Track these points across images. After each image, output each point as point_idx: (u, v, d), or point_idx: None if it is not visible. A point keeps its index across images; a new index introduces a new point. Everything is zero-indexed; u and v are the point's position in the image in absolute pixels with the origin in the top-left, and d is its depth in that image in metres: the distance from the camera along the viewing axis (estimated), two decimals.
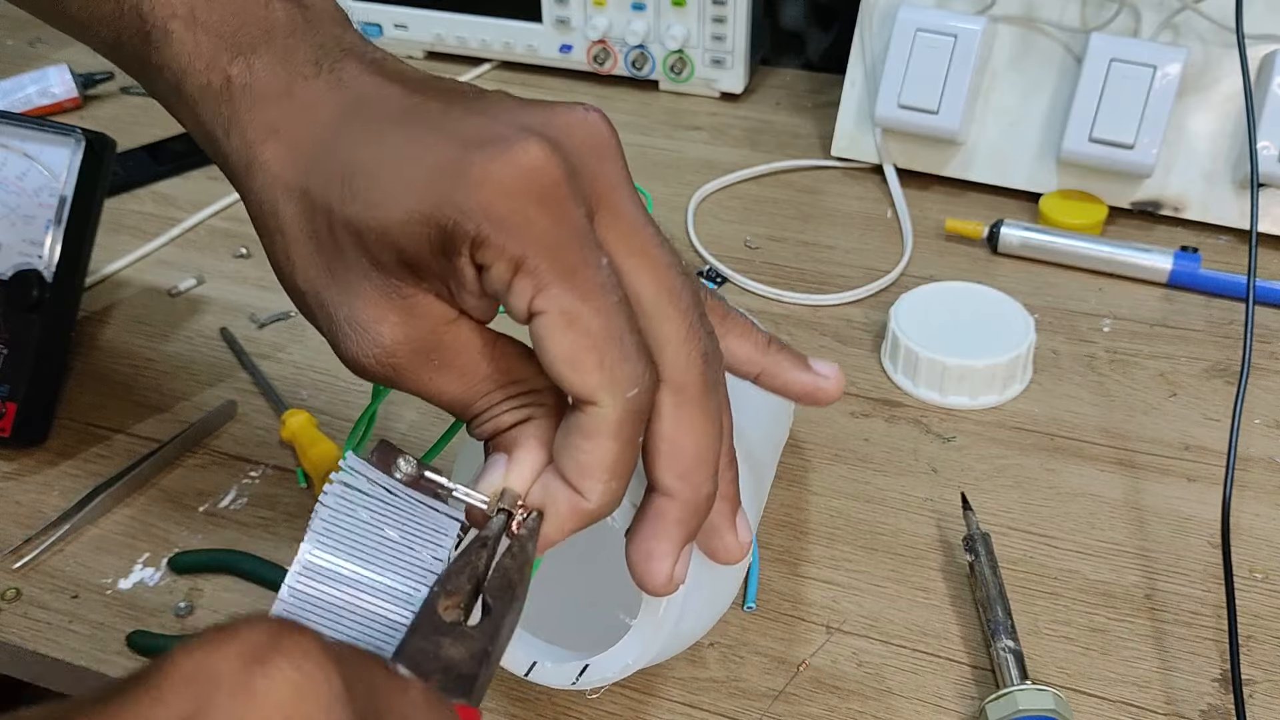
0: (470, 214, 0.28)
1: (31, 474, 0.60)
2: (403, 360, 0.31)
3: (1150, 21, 0.75)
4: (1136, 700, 0.47)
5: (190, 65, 0.33)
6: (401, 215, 0.29)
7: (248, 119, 0.32)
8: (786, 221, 0.79)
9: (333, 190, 0.30)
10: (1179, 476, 0.58)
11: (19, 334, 0.60)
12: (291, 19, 0.33)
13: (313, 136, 0.31)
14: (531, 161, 0.29)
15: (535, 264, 0.29)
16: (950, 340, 0.62)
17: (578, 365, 0.29)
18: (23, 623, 0.52)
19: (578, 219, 0.29)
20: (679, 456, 0.31)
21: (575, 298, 0.29)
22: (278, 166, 0.32)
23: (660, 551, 0.32)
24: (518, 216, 0.28)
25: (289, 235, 0.32)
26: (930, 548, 0.54)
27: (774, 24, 0.99)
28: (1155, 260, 0.71)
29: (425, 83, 0.33)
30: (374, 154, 0.30)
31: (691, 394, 0.31)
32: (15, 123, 0.62)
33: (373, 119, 0.31)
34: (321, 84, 0.32)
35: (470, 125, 0.30)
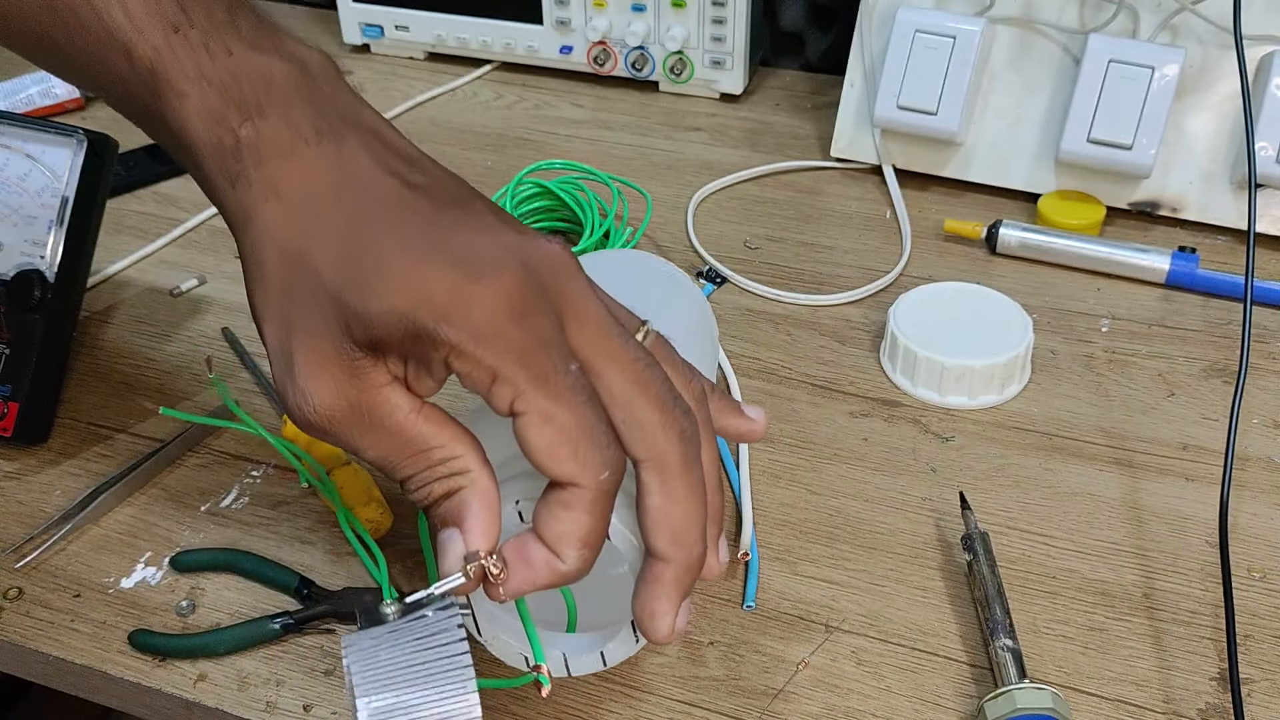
0: (454, 327, 0.33)
1: (33, 473, 0.60)
2: (340, 416, 0.35)
3: (1148, 22, 0.75)
4: (1135, 699, 0.47)
5: (200, 122, 0.36)
6: (388, 308, 0.33)
7: (254, 175, 0.35)
8: (786, 222, 0.80)
9: (325, 262, 0.34)
10: (1177, 476, 0.58)
11: (21, 334, 0.60)
12: (293, 79, 0.37)
13: (311, 204, 0.35)
14: (508, 285, 0.33)
15: (511, 373, 0.33)
16: (949, 340, 0.62)
17: (556, 456, 0.34)
18: (25, 622, 0.52)
19: (548, 332, 0.34)
20: (669, 525, 0.36)
21: (549, 400, 0.33)
22: (274, 224, 0.35)
23: (661, 610, 0.36)
24: (495, 332, 0.33)
25: (270, 286, 0.35)
26: (929, 547, 0.54)
27: (773, 25, 0.99)
28: (1153, 260, 0.71)
29: (416, 175, 0.36)
30: (371, 246, 0.34)
31: (674, 470, 0.35)
32: (17, 123, 0.62)
33: (371, 210, 0.35)
34: (322, 151, 0.36)
35: (458, 242, 0.34)
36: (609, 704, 0.47)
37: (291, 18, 1.12)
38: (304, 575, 0.52)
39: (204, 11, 0.37)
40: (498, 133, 0.92)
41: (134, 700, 0.50)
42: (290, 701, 0.48)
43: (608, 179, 0.76)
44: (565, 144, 0.90)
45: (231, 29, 0.37)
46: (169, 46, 0.36)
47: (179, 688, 0.49)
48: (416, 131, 0.92)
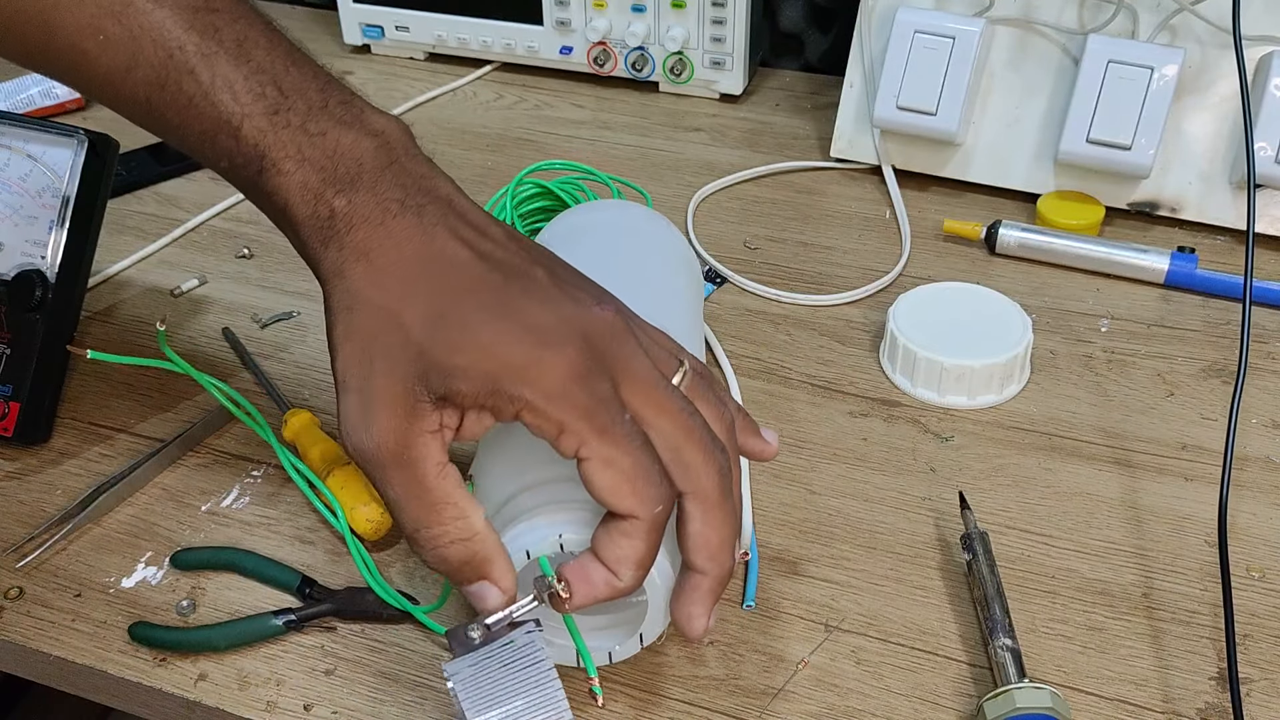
0: (530, 387, 0.39)
1: (34, 473, 0.60)
2: (386, 447, 0.40)
3: (1147, 23, 0.75)
4: (1134, 698, 0.47)
5: (300, 195, 0.41)
6: (472, 366, 0.39)
7: (346, 239, 0.41)
8: (786, 222, 0.80)
9: (413, 320, 0.40)
10: (1176, 476, 0.58)
11: (22, 334, 0.61)
12: (379, 155, 0.42)
13: (397, 269, 0.40)
14: (572, 355, 0.39)
15: (577, 427, 0.39)
16: (948, 340, 0.62)
17: (619, 494, 0.39)
18: (26, 621, 0.52)
19: (605, 391, 0.40)
20: (707, 546, 0.42)
21: (609, 447, 0.39)
22: (360, 282, 0.41)
23: (697, 614, 0.42)
24: (563, 393, 0.39)
25: (356, 332, 0.40)
26: (928, 547, 0.54)
27: (773, 26, 1.00)
28: (1152, 260, 0.71)
29: (486, 244, 0.42)
30: (453, 311, 0.40)
31: (714, 501, 0.41)
32: (18, 123, 0.62)
33: (450, 279, 0.41)
34: (405, 222, 0.41)
35: (527, 312, 0.40)
36: (609, 703, 0.48)
37: (292, 18, 1.12)
38: (306, 574, 0.52)
39: (300, 94, 0.42)
40: (498, 133, 0.92)
41: (134, 700, 0.50)
42: (290, 701, 0.48)
43: (608, 179, 0.76)
44: (565, 144, 0.90)
45: (324, 111, 0.42)
46: (273, 129, 0.41)
47: (179, 687, 0.49)
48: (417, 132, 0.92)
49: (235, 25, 0.43)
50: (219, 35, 0.42)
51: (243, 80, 0.42)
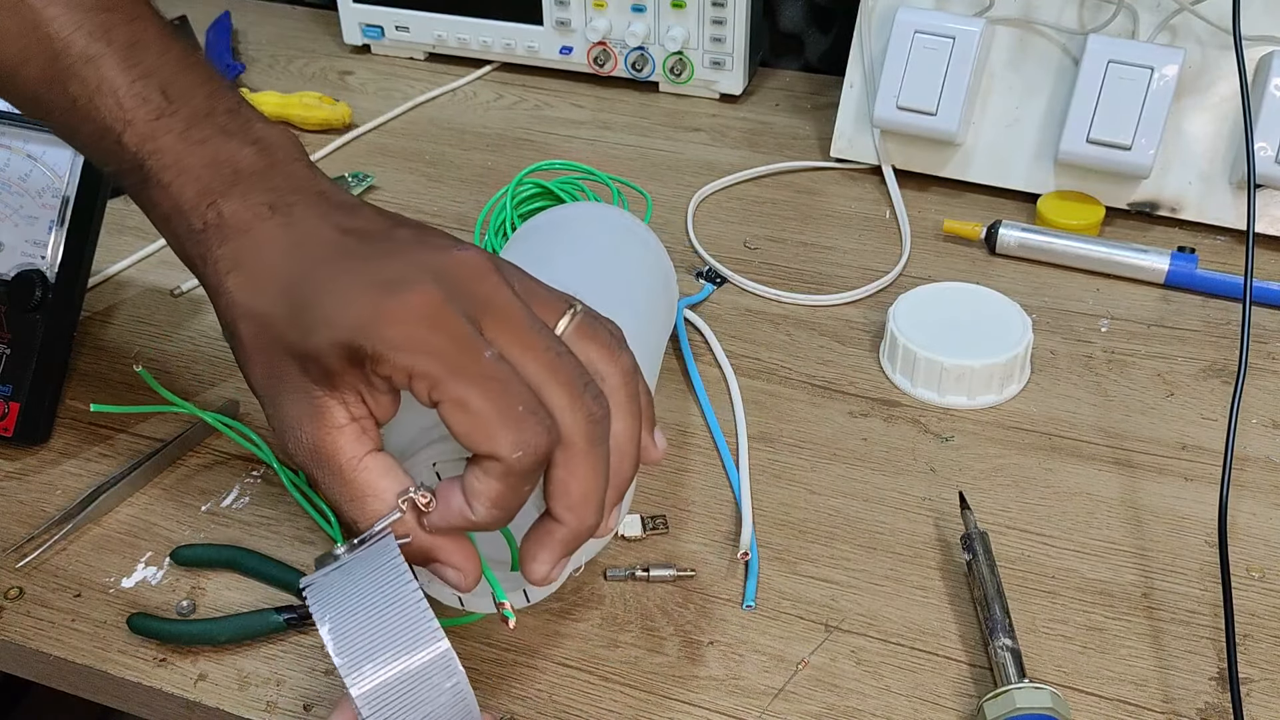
0: (372, 339, 0.37)
1: (34, 473, 0.60)
2: (306, 455, 0.39)
3: (1147, 23, 0.75)
4: (1134, 699, 0.47)
5: (177, 207, 0.41)
6: (325, 339, 0.37)
7: (219, 253, 0.40)
8: (785, 222, 0.80)
9: (277, 316, 0.39)
10: (1176, 476, 0.58)
11: (22, 334, 0.61)
12: (256, 164, 0.41)
13: (265, 271, 0.40)
14: (419, 296, 0.37)
15: (425, 368, 0.37)
16: (948, 340, 0.62)
17: (473, 438, 0.37)
18: (25, 621, 0.52)
19: (460, 329, 0.37)
20: (567, 495, 0.39)
21: (463, 387, 0.37)
22: (238, 294, 0.40)
23: (541, 558, 0.40)
24: (408, 336, 0.37)
25: (245, 347, 0.40)
26: (928, 547, 0.54)
27: (773, 26, 1.00)
28: (1152, 261, 0.71)
29: (352, 221, 0.41)
30: (309, 292, 0.38)
31: (579, 449, 0.39)
32: (18, 123, 0.62)
33: (310, 258, 0.39)
34: (275, 225, 0.40)
35: (379, 267, 0.39)
36: (609, 702, 0.48)
37: (292, 18, 1.12)
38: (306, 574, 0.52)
39: (186, 100, 0.42)
40: (498, 133, 0.92)
41: (134, 700, 0.50)
42: (290, 701, 0.48)
43: (608, 179, 0.76)
44: (565, 144, 0.90)
45: (208, 118, 0.42)
46: (153, 136, 0.41)
47: (179, 687, 0.49)
48: (416, 131, 0.92)
49: (129, 26, 0.42)
50: (110, 36, 0.42)
51: (128, 85, 0.41)
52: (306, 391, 0.39)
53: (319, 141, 0.90)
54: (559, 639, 0.50)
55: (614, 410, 0.41)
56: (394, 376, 0.37)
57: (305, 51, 1.06)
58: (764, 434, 0.61)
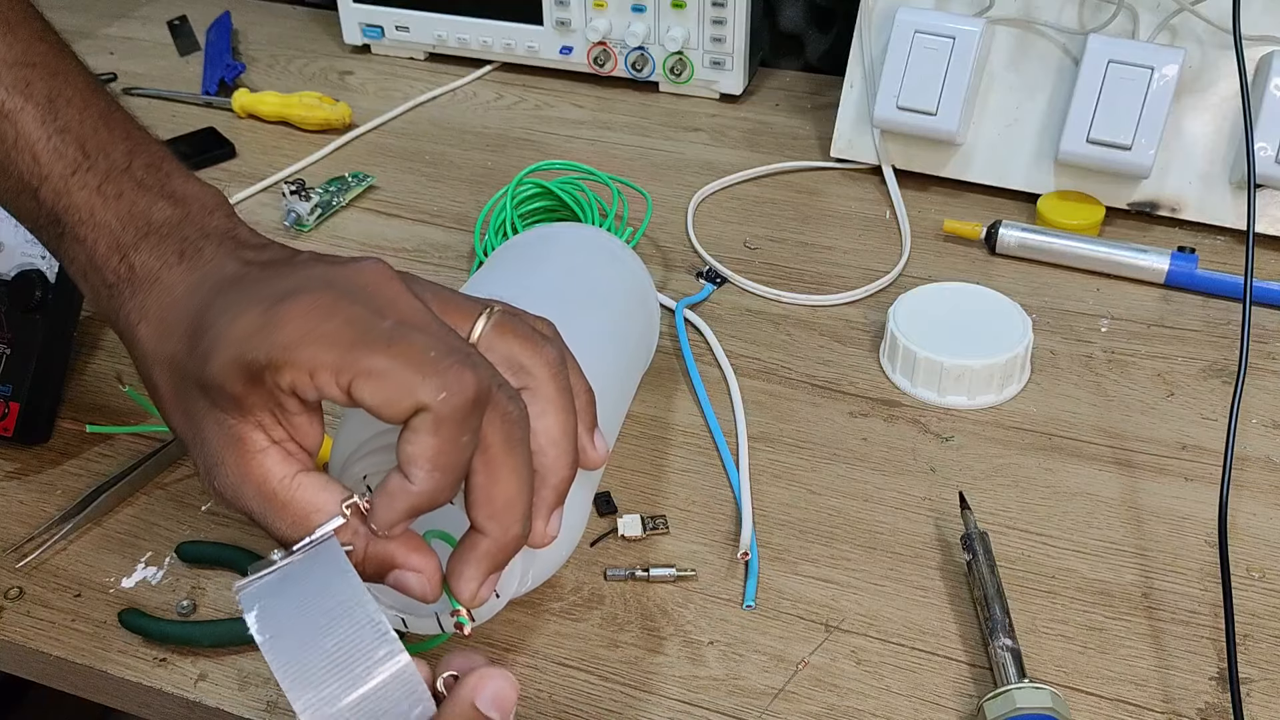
0: (264, 348, 0.36)
1: (34, 473, 0.60)
2: (233, 489, 0.38)
3: (1148, 23, 0.75)
4: (1134, 698, 0.47)
5: (91, 262, 0.41)
6: (221, 362, 0.36)
7: (130, 306, 0.40)
8: (786, 222, 0.80)
9: (180, 354, 0.38)
10: (1176, 476, 0.58)
11: (22, 334, 0.61)
12: (169, 218, 0.41)
13: (170, 314, 0.39)
14: (309, 300, 0.36)
15: (325, 359, 0.35)
16: (948, 340, 0.62)
17: (389, 400, 0.35)
18: (26, 621, 0.52)
19: (354, 312, 0.36)
20: (488, 503, 0.38)
21: (365, 358, 0.35)
22: (147, 343, 0.39)
23: (467, 575, 0.38)
24: (299, 335, 0.36)
25: (162, 394, 0.40)
26: (928, 547, 0.54)
27: (773, 26, 1.00)
28: (1152, 261, 0.71)
29: (259, 255, 0.40)
30: (207, 323, 0.38)
31: (495, 451, 0.37)
32: None
33: (210, 290, 0.39)
34: (182, 270, 0.40)
35: (277, 286, 0.37)
36: (608, 703, 0.48)
37: (292, 18, 1.12)
38: None
39: (104, 155, 0.41)
40: (498, 133, 0.92)
41: (134, 700, 0.50)
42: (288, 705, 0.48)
43: (608, 179, 0.76)
44: (565, 144, 0.90)
45: (125, 173, 0.41)
46: (68, 192, 0.41)
47: (179, 687, 0.49)
48: (416, 131, 0.92)
49: (49, 81, 0.42)
50: (29, 90, 0.41)
51: (45, 140, 0.41)
52: (220, 423, 0.38)
53: (319, 141, 0.90)
54: (559, 639, 0.50)
55: (543, 405, 0.40)
56: (297, 382, 0.36)
57: (305, 51, 1.06)
58: (764, 434, 0.61)
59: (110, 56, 1.05)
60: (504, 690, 0.35)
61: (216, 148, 0.88)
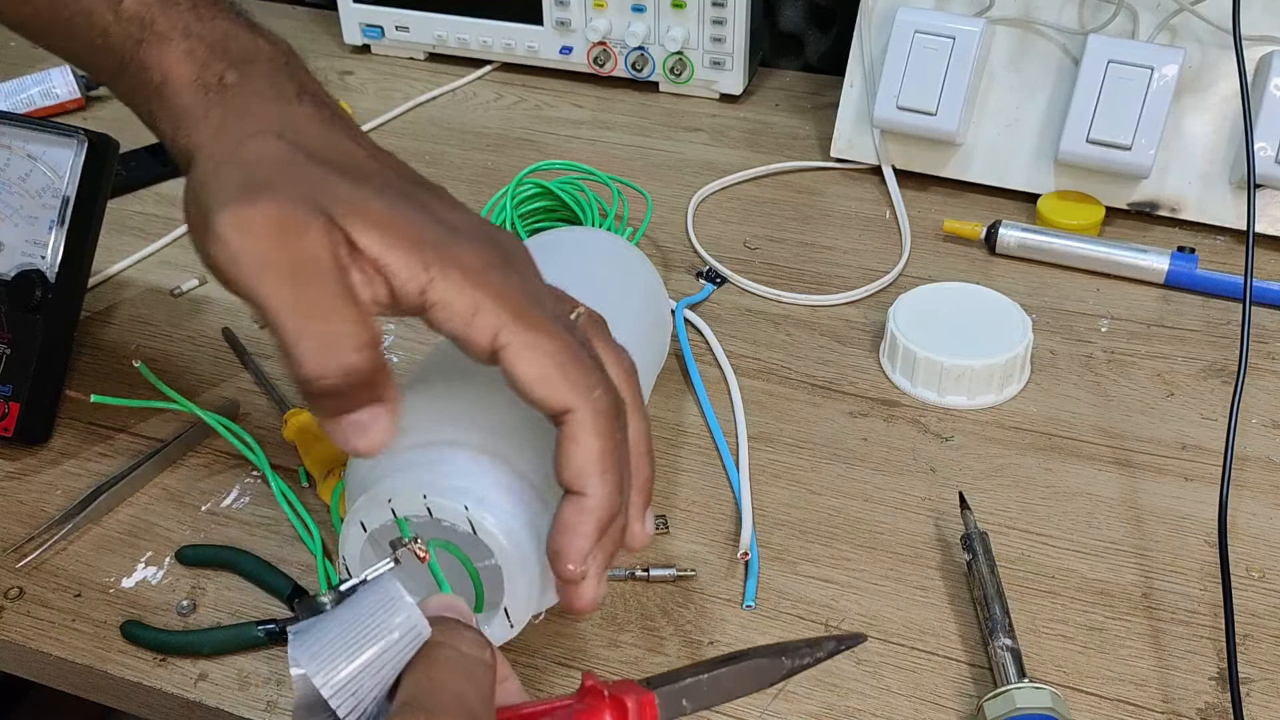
0: (443, 263, 0.36)
1: (34, 473, 0.60)
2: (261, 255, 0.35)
3: (1147, 23, 0.75)
4: (1134, 698, 0.47)
5: (185, 63, 0.38)
6: (386, 228, 0.35)
7: (236, 104, 0.38)
8: (785, 222, 0.80)
9: (323, 162, 0.37)
10: (1176, 476, 0.58)
11: (22, 334, 0.61)
12: (273, 52, 0.41)
13: (299, 137, 0.38)
14: (486, 248, 0.38)
15: (492, 307, 0.35)
16: (948, 340, 0.62)
17: (547, 381, 0.35)
18: (26, 621, 0.52)
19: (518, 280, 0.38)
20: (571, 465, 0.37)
21: (529, 330, 0.36)
22: (254, 128, 0.37)
23: (575, 547, 0.37)
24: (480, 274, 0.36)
25: (244, 155, 0.37)
26: (928, 547, 0.54)
27: (773, 26, 1.00)
28: (1152, 261, 0.71)
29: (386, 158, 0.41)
30: (365, 189, 0.37)
31: (605, 418, 0.37)
32: (18, 123, 0.62)
33: (357, 171, 0.38)
34: (306, 109, 0.39)
35: (439, 211, 0.38)
36: None
37: (291, 18, 1.12)
38: (298, 583, 0.52)
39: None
40: (498, 133, 0.92)
41: (134, 700, 0.50)
42: (290, 701, 0.48)
43: (608, 179, 0.76)
44: (565, 144, 0.90)
45: (214, 5, 0.41)
46: (159, 4, 0.40)
47: (180, 687, 0.49)
48: (417, 131, 0.92)
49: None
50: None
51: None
52: (309, 198, 0.35)
53: None
54: (559, 639, 0.50)
55: (627, 409, 0.40)
56: (454, 308, 0.35)
57: (305, 51, 1.04)
58: (764, 434, 0.61)
59: None
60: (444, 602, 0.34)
61: None
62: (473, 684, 0.31)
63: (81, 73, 0.95)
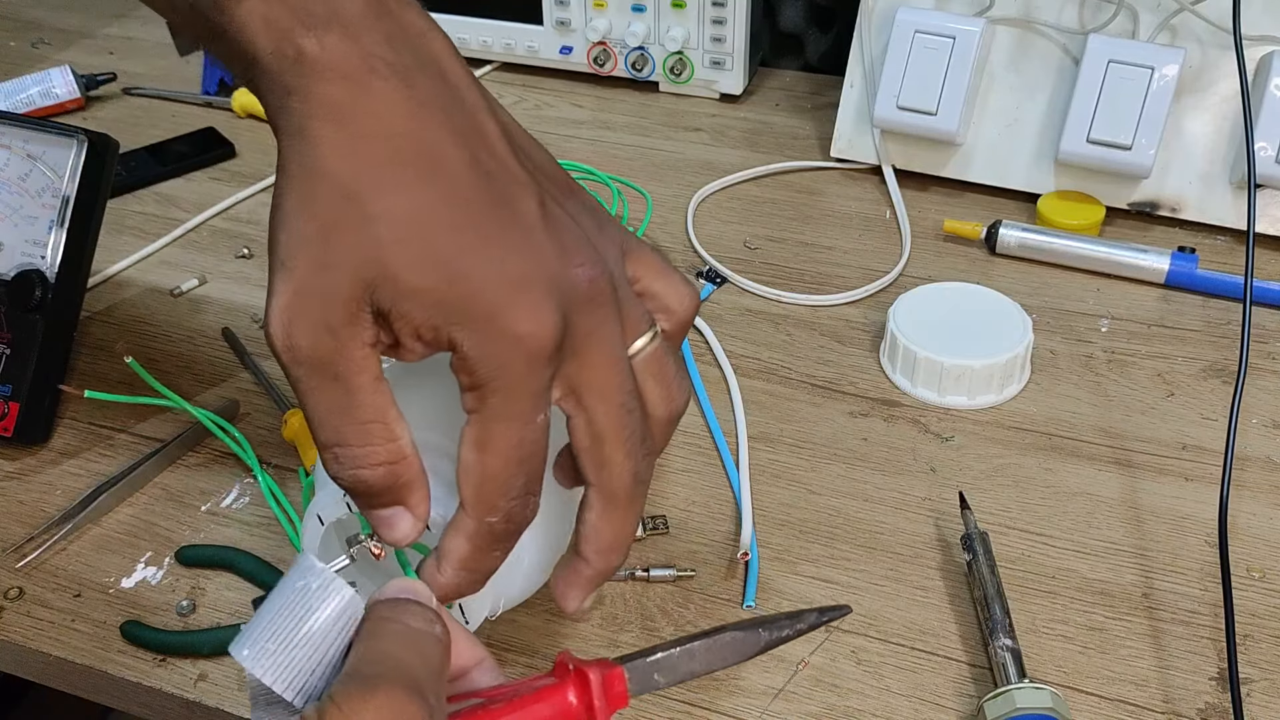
0: (478, 339, 0.35)
1: (34, 473, 0.60)
2: (305, 356, 0.35)
3: (1148, 23, 0.75)
4: (1134, 699, 0.47)
5: (261, 30, 0.35)
6: (429, 292, 0.34)
7: (315, 90, 0.35)
8: (786, 222, 0.80)
9: (380, 214, 0.34)
10: (1176, 476, 0.58)
11: (21, 334, 0.61)
12: (364, 10, 0.35)
13: (374, 147, 0.35)
14: (537, 327, 0.35)
15: (492, 389, 0.35)
16: (948, 340, 0.62)
17: (465, 477, 0.36)
18: (25, 621, 0.52)
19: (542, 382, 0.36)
20: (597, 539, 0.40)
21: (497, 431, 0.36)
22: (329, 150, 0.35)
23: (573, 595, 0.41)
24: (506, 360, 0.35)
25: (307, 211, 0.35)
26: (928, 547, 0.54)
27: (773, 26, 1.00)
28: (1152, 260, 0.71)
29: (484, 154, 0.36)
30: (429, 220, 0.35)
31: (620, 502, 0.39)
32: (18, 123, 0.62)
33: (434, 179, 0.35)
34: (393, 88, 0.35)
35: (509, 257, 0.35)
36: None
37: None
38: None
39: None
40: None
41: (134, 700, 0.50)
42: None
43: (608, 179, 0.76)
44: (565, 144, 0.90)
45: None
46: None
47: (179, 687, 0.49)
48: None
49: None
50: None
51: None
52: (356, 298, 0.35)
53: None
54: (559, 639, 0.50)
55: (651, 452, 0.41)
56: (461, 377, 0.36)
57: None
58: (764, 434, 0.61)
59: (110, 56, 1.05)
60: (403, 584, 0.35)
61: (216, 148, 0.88)
62: (419, 655, 0.32)
63: (81, 73, 0.95)
